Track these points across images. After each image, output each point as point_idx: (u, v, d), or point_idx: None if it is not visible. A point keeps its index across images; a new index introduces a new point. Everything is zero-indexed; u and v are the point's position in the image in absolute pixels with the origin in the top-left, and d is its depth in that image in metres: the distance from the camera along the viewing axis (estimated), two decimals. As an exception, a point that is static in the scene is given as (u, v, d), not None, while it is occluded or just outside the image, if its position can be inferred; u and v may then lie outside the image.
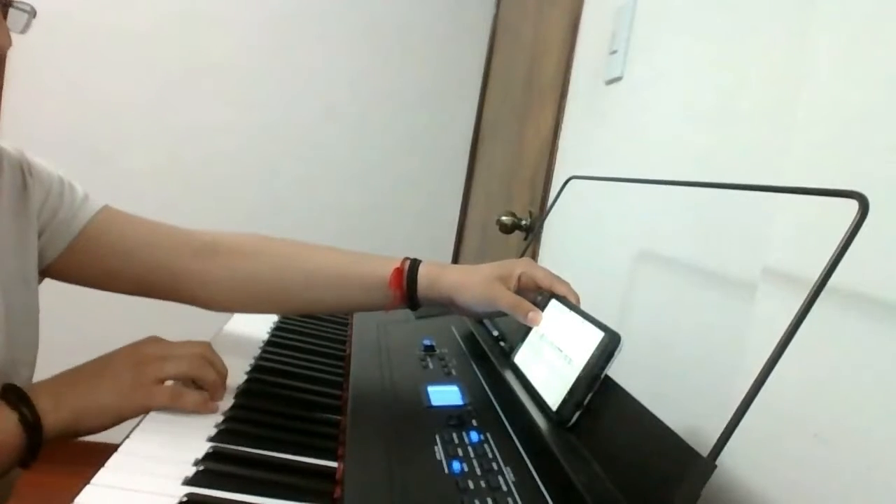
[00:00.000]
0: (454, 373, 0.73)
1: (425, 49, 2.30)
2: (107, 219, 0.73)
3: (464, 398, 0.66)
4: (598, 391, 0.54)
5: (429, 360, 0.77)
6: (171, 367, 0.61)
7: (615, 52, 1.09)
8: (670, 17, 0.95)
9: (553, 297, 0.69)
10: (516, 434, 0.58)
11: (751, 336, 0.59)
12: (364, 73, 2.27)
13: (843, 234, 0.39)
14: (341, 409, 0.65)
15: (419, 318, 0.99)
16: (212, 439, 0.55)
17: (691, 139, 0.82)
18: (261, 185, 2.25)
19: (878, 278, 0.46)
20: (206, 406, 0.60)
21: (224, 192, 2.23)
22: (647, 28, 1.02)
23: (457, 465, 0.51)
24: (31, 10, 0.61)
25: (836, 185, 0.42)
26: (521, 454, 0.54)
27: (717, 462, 0.39)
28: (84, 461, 0.53)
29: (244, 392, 0.66)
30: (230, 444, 0.54)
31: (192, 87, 2.17)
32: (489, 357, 0.72)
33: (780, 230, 0.58)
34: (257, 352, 0.78)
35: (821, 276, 0.39)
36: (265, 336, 0.85)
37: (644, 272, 0.88)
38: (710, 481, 0.39)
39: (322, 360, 0.79)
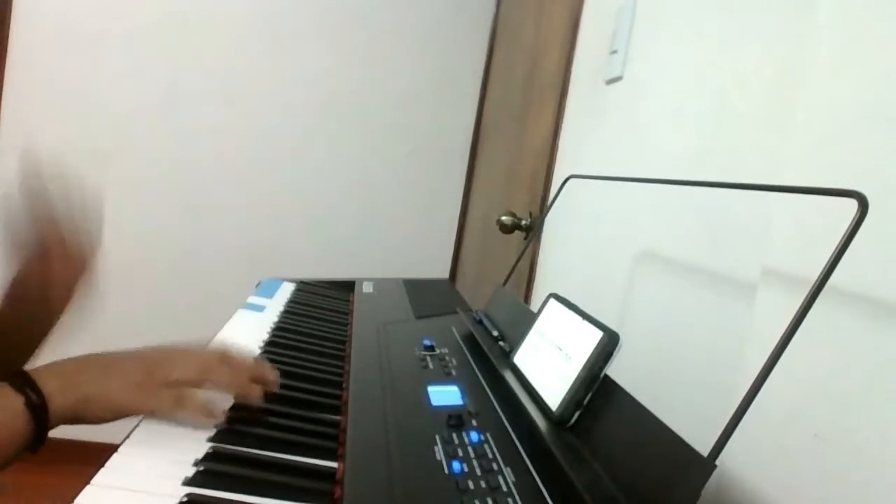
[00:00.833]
0: (454, 373, 0.73)
1: (425, 49, 2.30)
2: None
3: (464, 398, 0.66)
4: (598, 391, 0.54)
5: (429, 360, 0.77)
6: (179, 372, 0.60)
7: (615, 52, 1.09)
8: (670, 16, 0.95)
9: (553, 297, 0.69)
10: (516, 434, 0.58)
11: (751, 336, 0.59)
12: (364, 73, 2.27)
13: (842, 234, 0.39)
14: (341, 409, 0.65)
15: (419, 318, 0.99)
16: (212, 439, 0.55)
17: (691, 139, 0.82)
18: (261, 186, 2.25)
19: (877, 278, 0.46)
20: (208, 414, 0.58)
21: (224, 193, 2.23)
22: (648, 28, 1.02)
23: (457, 466, 0.51)
24: None
25: (835, 184, 0.42)
26: (520, 454, 0.54)
27: (717, 462, 0.39)
28: (84, 461, 0.53)
29: (244, 392, 0.66)
30: (230, 444, 0.54)
31: (192, 87, 2.17)
32: (489, 357, 0.72)
33: (779, 230, 0.58)
34: (257, 352, 0.78)
35: (820, 275, 0.39)
36: (265, 336, 0.85)
37: (643, 271, 0.88)
38: (710, 481, 0.39)
39: (322, 360, 0.79)
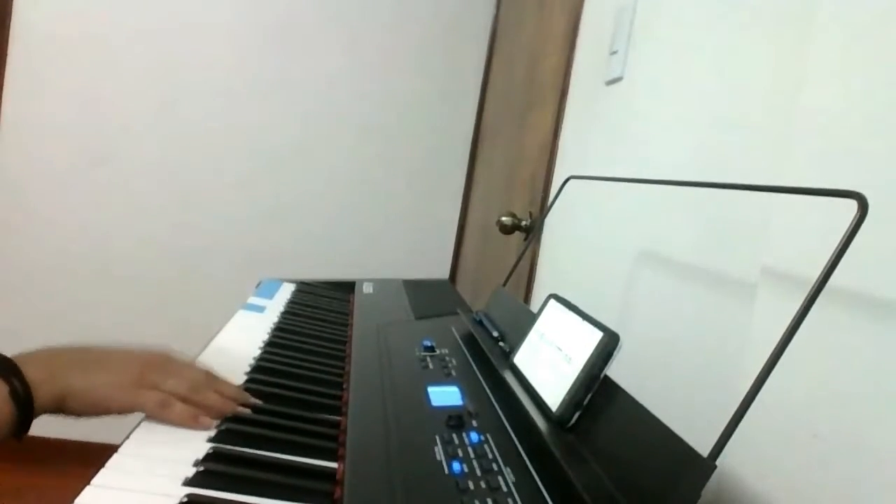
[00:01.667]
0: (454, 373, 0.73)
1: (425, 49, 2.30)
2: None
3: (464, 398, 0.66)
4: (598, 392, 0.54)
5: (429, 360, 0.77)
6: (172, 384, 0.59)
7: (615, 53, 1.09)
8: (670, 17, 0.95)
9: (553, 297, 0.69)
10: (516, 434, 0.58)
11: (751, 336, 0.59)
12: (364, 74, 2.27)
13: (842, 235, 0.39)
14: (341, 410, 0.65)
15: (419, 318, 0.99)
16: (212, 440, 0.55)
17: (691, 139, 0.82)
18: (261, 188, 2.25)
19: (877, 278, 0.46)
20: (193, 420, 0.58)
21: (224, 194, 2.23)
22: (648, 28, 1.02)
23: (457, 466, 0.51)
24: None
25: (835, 185, 0.42)
26: (520, 454, 0.54)
27: (717, 462, 0.39)
28: (84, 461, 0.53)
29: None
30: (230, 444, 0.54)
31: (192, 88, 2.17)
32: (489, 357, 0.72)
33: (779, 230, 0.58)
34: (257, 352, 0.78)
35: (820, 275, 0.39)
36: (265, 336, 0.85)
37: (644, 272, 0.88)
38: (710, 481, 0.39)
39: (322, 360, 0.79)
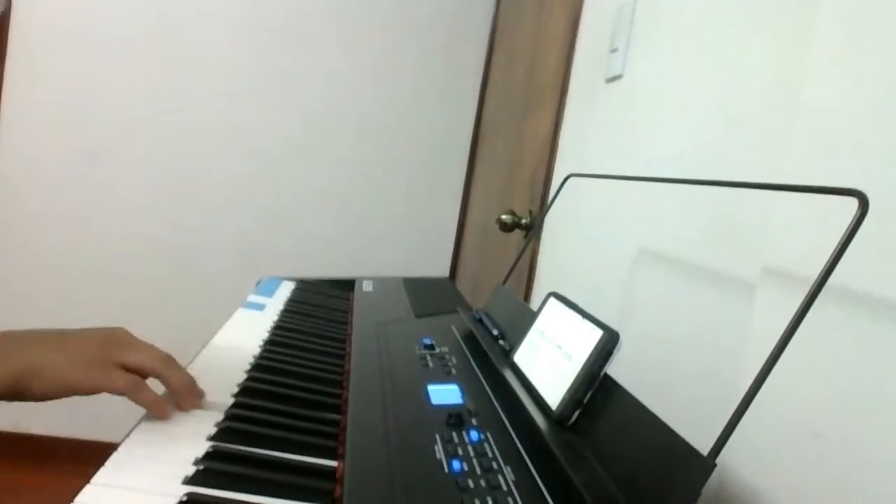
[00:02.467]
0: (454, 372, 0.73)
1: (425, 49, 2.30)
2: None
3: (464, 397, 0.66)
4: (598, 390, 0.54)
5: (429, 358, 0.77)
6: (138, 357, 0.58)
7: (615, 51, 1.09)
8: (671, 14, 0.94)
9: (552, 296, 0.69)
10: (516, 433, 0.58)
11: (751, 335, 0.59)
12: (364, 73, 2.27)
13: (842, 233, 0.39)
14: (341, 409, 0.65)
15: (419, 316, 0.99)
16: (212, 438, 0.55)
17: (691, 137, 0.82)
18: (260, 186, 2.25)
19: (877, 277, 0.46)
20: (161, 408, 0.57)
21: (224, 192, 2.23)
22: (648, 26, 1.02)
23: (457, 464, 0.51)
24: None
25: (835, 183, 0.42)
26: (520, 453, 0.54)
27: (717, 461, 0.39)
28: (84, 460, 0.53)
29: (244, 391, 0.66)
30: (230, 443, 0.54)
31: (192, 87, 2.17)
32: (489, 356, 0.72)
33: (780, 228, 0.58)
34: (257, 350, 0.78)
35: (820, 274, 0.39)
36: (265, 335, 0.85)
37: (643, 270, 0.88)
38: (710, 480, 0.39)
39: (322, 358, 0.79)
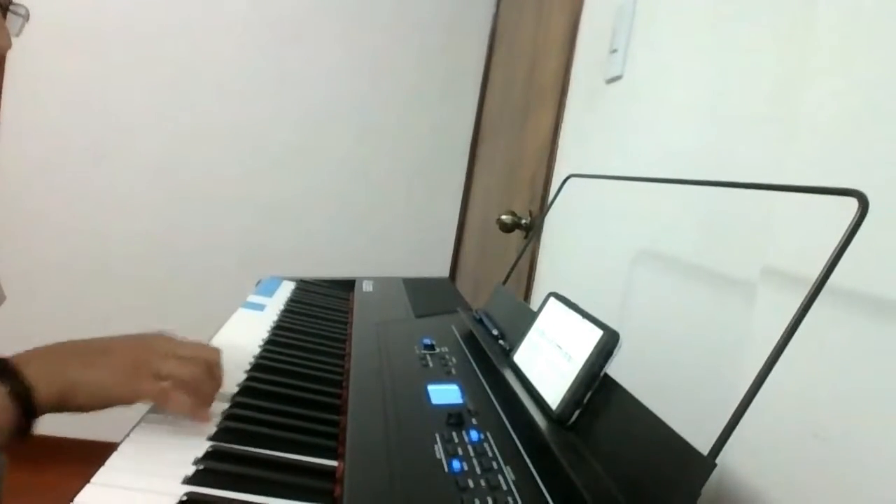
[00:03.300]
0: (454, 371, 0.73)
1: (425, 49, 2.30)
2: None
3: (464, 397, 0.66)
4: (598, 390, 0.54)
5: (429, 358, 0.77)
6: (172, 367, 0.59)
7: (615, 51, 1.09)
8: (670, 15, 0.94)
9: (552, 296, 0.69)
10: (516, 433, 0.58)
11: (751, 335, 0.59)
12: (364, 72, 2.27)
13: (842, 234, 0.39)
14: (341, 409, 0.65)
15: (419, 316, 0.99)
16: (212, 438, 0.55)
17: (691, 138, 0.82)
18: (260, 186, 2.25)
19: (877, 277, 0.46)
20: (192, 411, 0.58)
21: (224, 192, 2.23)
22: (648, 26, 1.02)
23: (457, 464, 0.51)
24: (25, 14, 0.61)
25: (835, 183, 0.42)
26: (520, 453, 0.54)
27: (717, 461, 0.39)
28: (84, 460, 0.53)
29: (244, 391, 0.66)
30: (230, 442, 0.54)
31: (192, 87, 2.17)
32: (489, 356, 0.72)
33: (780, 228, 0.58)
34: (257, 350, 0.78)
35: (820, 274, 0.39)
36: (265, 335, 0.85)
37: (644, 271, 0.88)
38: (710, 480, 0.39)
39: (322, 358, 0.79)
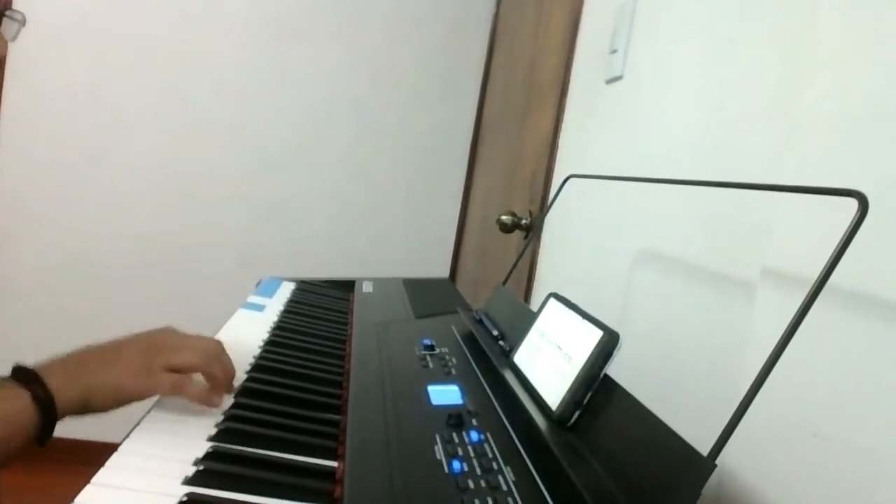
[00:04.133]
0: (454, 372, 0.73)
1: (425, 49, 2.30)
2: None
3: (464, 397, 0.66)
4: (598, 390, 0.54)
5: (429, 359, 0.77)
6: (183, 357, 0.62)
7: (615, 52, 1.09)
8: (670, 15, 0.94)
9: (552, 296, 0.69)
10: (516, 433, 0.58)
11: (751, 336, 0.59)
12: (364, 73, 2.27)
13: (842, 234, 0.39)
14: (341, 409, 0.65)
15: (419, 317, 0.99)
16: (212, 439, 0.55)
17: (691, 138, 0.82)
18: (260, 186, 2.25)
19: (877, 278, 0.46)
20: (208, 398, 0.61)
21: (223, 192, 2.23)
22: (648, 27, 1.02)
23: (457, 465, 0.51)
24: (21, 19, 0.61)
25: (835, 183, 0.42)
26: (520, 454, 0.54)
27: (717, 461, 0.39)
28: (84, 460, 0.53)
29: (244, 391, 0.66)
30: (230, 443, 0.54)
31: (192, 87, 2.17)
32: (489, 356, 0.72)
33: (780, 229, 0.58)
34: (257, 351, 0.78)
35: (820, 275, 0.39)
36: (265, 335, 0.85)
37: (643, 271, 0.88)
38: (710, 481, 0.39)
39: (322, 359, 0.79)
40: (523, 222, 1.42)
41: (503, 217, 1.42)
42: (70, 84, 2.10)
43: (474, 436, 0.57)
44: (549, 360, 0.61)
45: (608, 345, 0.54)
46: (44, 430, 0.56)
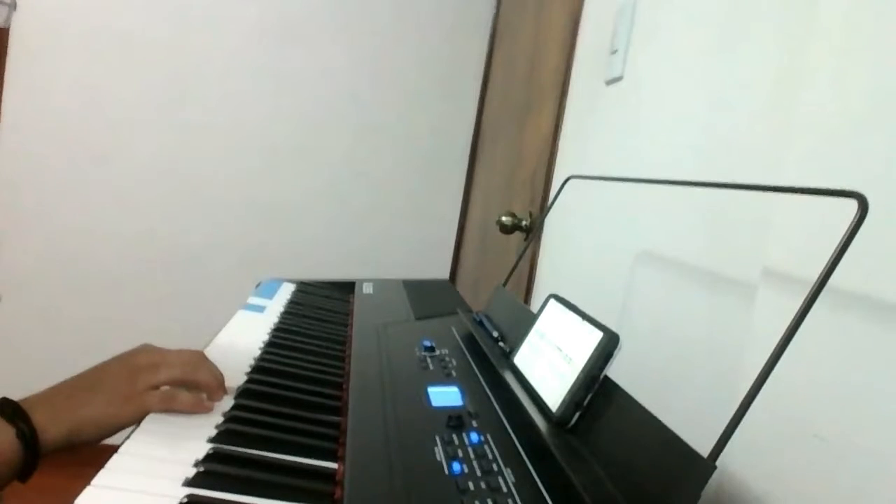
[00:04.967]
0: (454, 373, 0.73)
1: (425, 49, 2.30)
2: None
3: (464, 399, 0.66)
4: (598, 392, 0.54)
5: (429, 360, 0.77)
6: (164, 374, 0.61)
7: (615, 52, 1.09)
8: (670, 16, 0.94)
9: (553, 297, 0.69)
10: (516, 435, 0.58)
11: (751, 336, 0.59)
12: (364, 73, 2.27)
13: (842, 234, 0.39)
14: (341, 410, 0.65)
15: (419, 318, 0.99)
16: (212, 440, 0.55)
17: (691, 139, 0.82)
18: (260, 186, 2.25)
19: (877, 278, 0.46)
20: (199, 406, 0.60)
21: (223, 193, 2.23)
22: (648, 27, 1.02)
23: (457, 466, 0.51)
24: (11, 3, 0.61)
25: (835, 184, 0.42)
26: (521, 455, 0.54)
27: (717, 463, 0.39)
28: (84, 462, 0.53)
29: (244, 392, 0.66)
30: (230, 444, 0.54)
31: (192, 87, 2.17)
32: (489, 358, 0.72)
33: (779, 230, 0.58)
34: (257, 352, 0.78)
35: (820, 275, 0.39)
36: (265, 336, 0.85)
37: (644, 272, 0.88)
38: (710, 482, 0.39)
39: (322, 360, 0.79)
40: (523, 223, 1.42)
41: (503, 218, 1.42)
42: (71, 84, 2.10)
43: (474, 437, 0.57)
44: (550, 362, 0.61)
45: (608, 346, 0.54)
46: (27, 466, 0.55)
